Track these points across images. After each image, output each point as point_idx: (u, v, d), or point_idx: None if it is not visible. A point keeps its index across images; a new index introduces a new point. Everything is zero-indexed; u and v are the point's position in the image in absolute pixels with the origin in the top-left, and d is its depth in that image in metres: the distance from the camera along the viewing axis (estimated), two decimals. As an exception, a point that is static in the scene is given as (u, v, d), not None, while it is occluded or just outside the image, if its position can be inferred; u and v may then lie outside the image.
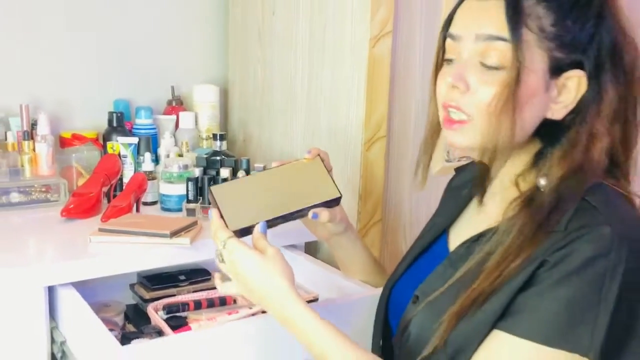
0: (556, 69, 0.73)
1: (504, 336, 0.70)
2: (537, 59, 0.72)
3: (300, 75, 1.42)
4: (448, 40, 0.77)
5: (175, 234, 1.11)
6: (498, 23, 0.72)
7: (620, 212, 0.72)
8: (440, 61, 0.79)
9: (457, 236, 0.86)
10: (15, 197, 1.32)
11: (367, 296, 1.01)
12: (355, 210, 1.27)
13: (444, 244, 0.87)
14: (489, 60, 0.72)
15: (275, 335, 0.91)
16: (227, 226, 0.88)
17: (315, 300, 1.12)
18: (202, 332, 0.92)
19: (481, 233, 0.79)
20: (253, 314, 1.03)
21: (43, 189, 1.34)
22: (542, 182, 0.74)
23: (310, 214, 0.94)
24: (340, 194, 0.96)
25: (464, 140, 0.75)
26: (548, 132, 0.75)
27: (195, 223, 1.18)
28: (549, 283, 0.69)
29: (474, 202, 0.87)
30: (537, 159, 0.77)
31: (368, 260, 1.09)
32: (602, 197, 0.72)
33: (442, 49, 0.78)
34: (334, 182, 0.97)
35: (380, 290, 0.95)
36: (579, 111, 0.73)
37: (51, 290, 1.04)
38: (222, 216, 0.89)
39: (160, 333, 1.06)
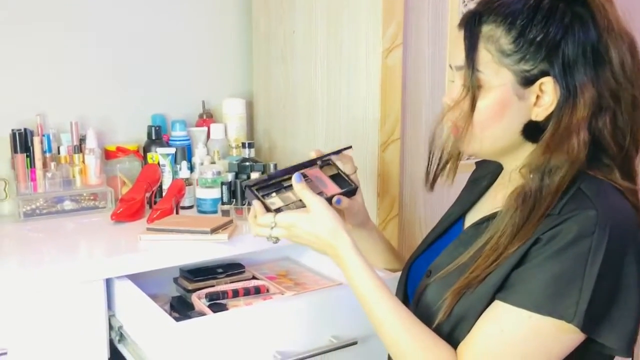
0: (526, 80, 0.80)
1: (501, 305, 0.77)
2: (502, 75, 0.80)
3: (319, 86, 1.49)
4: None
5: (214, 230, 1.22)
6: (463, 53, 0.82)
7: (608, 200, 0.78)
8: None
9: (471, 220, 0.93)
10: (68, 204, 1.44)
11: (386, 279, 1.09)
12: (375, 207, 1.35)
13: (459, 228, 0.95)
14: (464, 84, 0.82)
15: (303, 314, 1.02)
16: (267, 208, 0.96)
17: (340, 284, 1.23)
18: (245, 310, 1.02)
19: (489, 216, 0.86)
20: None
21: (92, 197, 1.46)
22: (530, 174, 0.81)
23: (334, 199, 1.02)
24: (351, 146, 1.07)
25: (460, 146, 0.86)
26: (532, 131, 0.82)
27: (231, 221, 1.29)
28: (540, 259, 0.76)
29: (490, 191, 0.96)
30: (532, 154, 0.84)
31: (387, 250, 1.18)
32: (595, 186, 0.78)
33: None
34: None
35: (398, 274, 1.05)
36: (555, 111, 0.79)
37: (108, 282, 1.15)
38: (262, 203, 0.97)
39: (204, 318, 1.17)
